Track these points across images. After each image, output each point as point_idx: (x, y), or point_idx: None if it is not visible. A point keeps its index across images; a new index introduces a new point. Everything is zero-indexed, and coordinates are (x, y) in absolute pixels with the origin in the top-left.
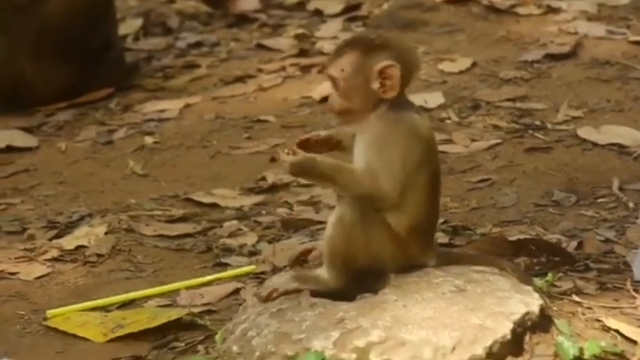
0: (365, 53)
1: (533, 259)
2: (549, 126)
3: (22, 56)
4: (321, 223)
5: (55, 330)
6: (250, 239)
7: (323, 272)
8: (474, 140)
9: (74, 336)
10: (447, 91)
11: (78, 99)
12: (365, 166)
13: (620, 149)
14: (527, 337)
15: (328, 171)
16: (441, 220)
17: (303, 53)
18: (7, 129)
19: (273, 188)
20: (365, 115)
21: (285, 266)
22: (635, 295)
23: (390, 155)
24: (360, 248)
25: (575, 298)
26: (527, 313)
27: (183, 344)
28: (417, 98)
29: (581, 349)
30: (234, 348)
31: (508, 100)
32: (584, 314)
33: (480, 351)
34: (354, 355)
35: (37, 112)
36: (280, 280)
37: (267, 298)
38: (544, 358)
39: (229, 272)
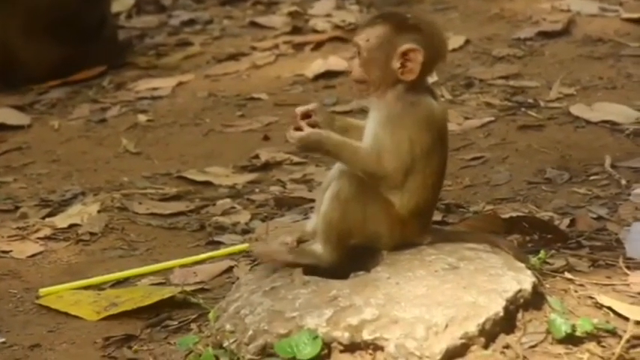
0: (395, 30)
1: (526, 236)
2: (542, 104)
3: (13, 34)
4: (314, 201)
5: (48, 308)
6: (243, 217)
7: (318, 247)
8: (467, 118)
9: (67, 314)
10: (440, 68)
11: (71, 77)
12: (372, 144)
13: (613, 126)
14: (519, 315)
15: (334, 147)
16: None
17: (296, 31)
18: None
19: (266, 166)
20: (381, 91)
21: None
22: (628, 272)
23: (399, 137)
24: (356, 224)
25: (568, 275)
26: (520, 291)
27: (176, 322)
28: None
29: (573, 326)
30: (228, 326)
31: (501, 77)
32: (576, 291)
33: (472, 328)
34: (347, 333)
35: (30, 91)
36: (278, 248)
37: (262, 262)
38: (536, 336)
39: (222, 250)
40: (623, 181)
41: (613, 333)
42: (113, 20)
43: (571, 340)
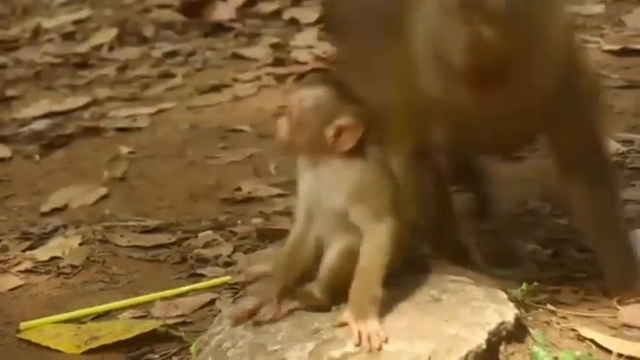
0: (334, 97)
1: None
2: None
3: None
4: None
5: (29, 342)
6: (226, 250)
7: (316, 291)
8: None
9: (48, 348)
10: None
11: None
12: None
13: None
14: (502, 347)
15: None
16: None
17: (278, 62)
18: None
19: (249, 198)
20: (311, 156)
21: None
22: (610, 303)
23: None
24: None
25: (550, 307)
26: (502, 323)
27: (157, 356)
28: None
29: (556, 359)
30: None
31: None
32: (559, 324)
33: (456, 359)
34: None
35: (11, 122)
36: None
37: (273, 319)
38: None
39: (204, 283)
40: None
41: None
42: None
43: None
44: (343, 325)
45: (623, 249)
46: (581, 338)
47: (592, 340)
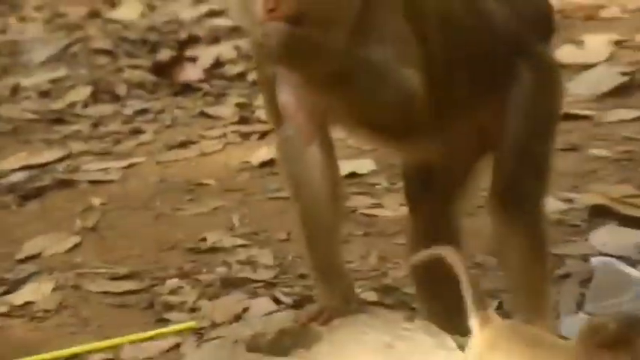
0: None
1: None
2: None
3: None
4: (257, 281)
5: None
6: (191, 297)
7: None
8: (402, 205)
9: None
10: (377, 158)
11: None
12: None
13: None
14: None
15: None
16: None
17: (243, 121)
18: None
19: (213, 248)
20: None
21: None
22: None
23: None
24: None
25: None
26: None
27: None
28: (348, 165)
29: None
30: None
31: None
32: None
33: None
34: None
35: None
36: None
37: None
38: None
39: (170, 328)
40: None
41: None
42: None
43: None
44: None
45: (529, 291)
46: None
47: None
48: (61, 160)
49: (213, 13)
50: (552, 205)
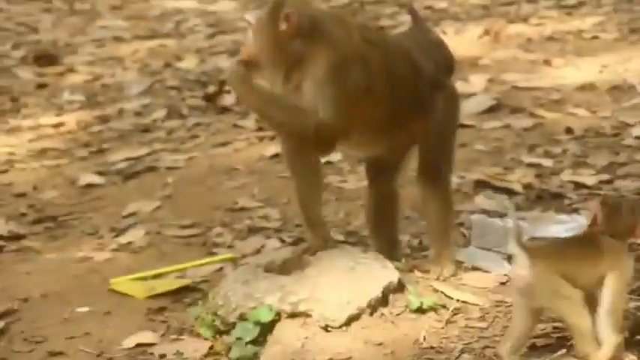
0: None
1: None
2: None
3: None
4: (269, 229)
5: (115, 291)
6: (229, 238)
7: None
8: (360, 180)
9: (126, 295)
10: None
11: None
12: None
13: None
14: (390, 296)
15: None
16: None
17: (259, 129)
18: None
19: (242, 208)
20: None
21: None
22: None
23: None
24: None
25: (418, 273)
26: (391, 282)
27: (189, 300)
28: None
29: (421, 303)
30: (220, 302)
31: None
32: (423, 282)
33: (363, 304)
34: (290, 307)
35: (105, 163)
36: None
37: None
38: (400, 308)
39: (216, 257)
40: None
41: (443, 306)
42: None
43: (420, 310)
44: None
45: (439, 234)
46: (436, 290)
47: (442, 292)
48: (148, 154)
49: None
50: (453, 180)
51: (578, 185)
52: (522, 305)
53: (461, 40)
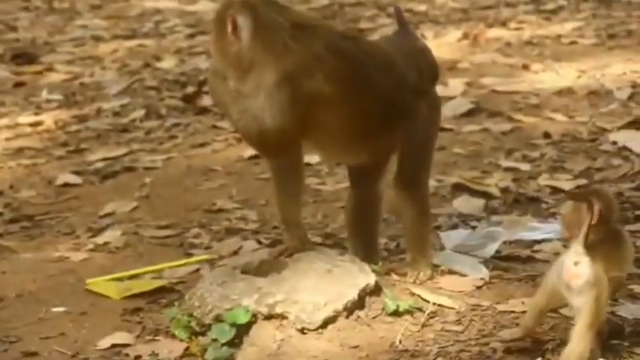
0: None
1: None
2: None
3: None
4: (247, 230)
5: (91, 291)
6: (206, 239)
7: None
8: (337, 183)
9: (102, 295)
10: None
11: None
12: None
13: None
14: (367, 299)
15: None
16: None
17: None
18: None
19: (220, 209)
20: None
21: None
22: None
23: None
24: None
25: (394, 276)
26: (367, 285)
27: (165, 300)
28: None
29: (397, 306)
30: (196, 303)
31: None
32: (399, 285)
33: (339, 306)
34: (266, 309)
35: (83, 163)
36: None
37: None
38: (376, 311)
39: (193, 259)
40: None
41: (420, 310)
42: None
43: (396, 314)
44: None
45: (416, 237)
46: (412, 294)
47: (419, 295)
48: (126, 154)
49: None
50: (431, 183)
51: (556, 190)
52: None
53: (440, 44)
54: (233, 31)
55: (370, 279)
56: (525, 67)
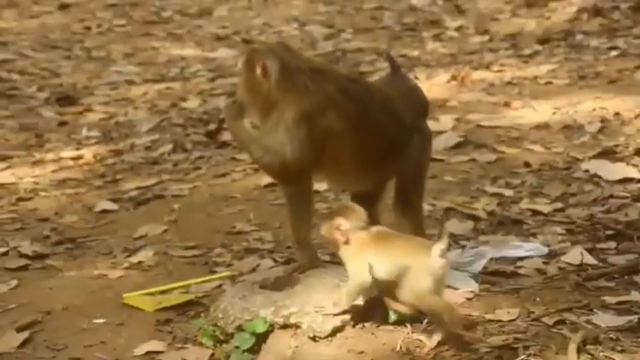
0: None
1: None
2: None
3: None
4: (264, 250)
5: (127, 305)
6: (228, 258)
7: None
8: None
9: (137, 308)
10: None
11: None
12: None
13: None
14: (371, 310)
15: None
16: (326, 250)
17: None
18: None
19: (240, 232)
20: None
21: (245, 273)
22: None
23: None
24: None
25: None
26: (371, 297)
27: (193, 312)
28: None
29: (398, 316)
30: (220, 315)
31: None
32: None
33: (347, 317)
34: (282, 319)
35: (119, 192)
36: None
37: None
38: (379, 321)
39: (217, 275)
40: None
41: (418, 319)
42: None
43: (397, 322)
44: None
45: None
46: None
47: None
48: (156, 184)
49: None
50: (425, 207)
51: (535, 212)
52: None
53: (431, 85)
54: (263, 74)
55: (373, 292)
56: (507, 105)
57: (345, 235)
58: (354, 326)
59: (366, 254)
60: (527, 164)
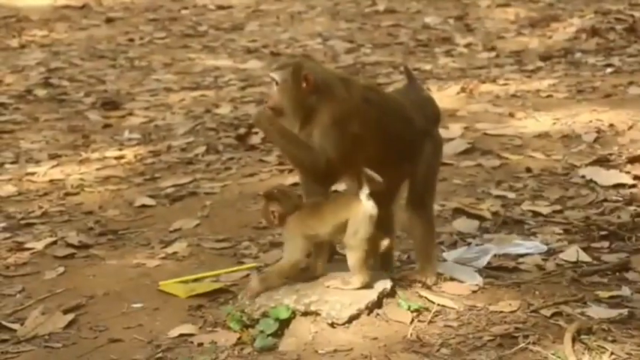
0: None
1: None
2: None
3: None
4: None
5: (162, 292)
6: (255, 250)
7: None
8: None
9: (171, 294)
10: (347, 183)
11: None
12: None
13: None
14: (384, 300)
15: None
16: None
17: (280, 163)
18: None
19: (266, 227)
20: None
21: (270, 264)
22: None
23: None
24: None
25: (406, 282)
26: (385, 288)
27: (222, 299)
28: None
29: (409, 306)
30: (247, 302)
31: None
32: (410, 289)
33: (362, 306)
34: (303, 307)
35: (157, 189)
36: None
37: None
38: (392, 310)
39: (244, 266)
40: None
41: (427, 309)
42: None
43: (408, 312)
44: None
45: (423, 251)
46: (420, 296)
47: (426, 297)
48: (190, 182)
49: None
50: (435, 207)
51: (536, 214)
52: None
53: (442, 96)
54: (307, 85)
55: (387, 284)
56: (511, 115)
57: (278, 219)
58: (368, 314)
59: (303, 231)
60: (528, 170)
